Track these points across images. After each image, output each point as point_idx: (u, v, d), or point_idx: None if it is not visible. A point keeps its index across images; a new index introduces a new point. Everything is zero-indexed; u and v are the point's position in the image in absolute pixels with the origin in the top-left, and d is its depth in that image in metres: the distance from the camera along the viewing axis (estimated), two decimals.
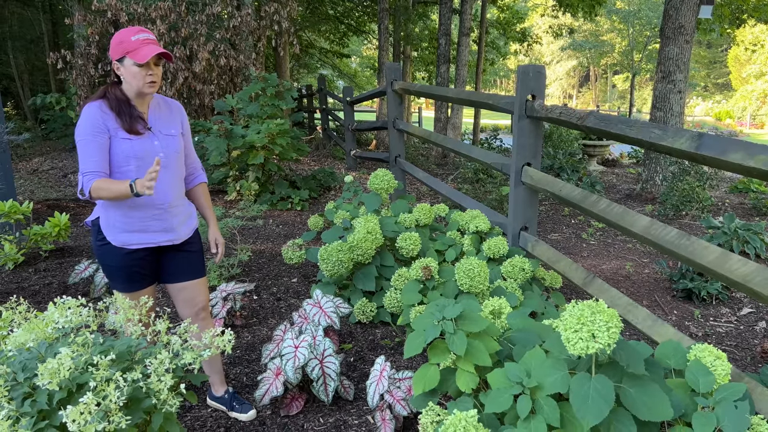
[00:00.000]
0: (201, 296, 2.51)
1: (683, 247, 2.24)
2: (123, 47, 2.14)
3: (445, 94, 4.94)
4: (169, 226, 2.34)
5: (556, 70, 47.73)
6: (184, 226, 2.41)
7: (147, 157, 2.23)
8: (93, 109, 2.16)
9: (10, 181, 5.11)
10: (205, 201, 2.61)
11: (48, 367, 1.52)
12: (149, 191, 1.99)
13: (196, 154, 2.59)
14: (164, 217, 2.31)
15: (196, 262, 2.48)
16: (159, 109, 2.34)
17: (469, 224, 3.67)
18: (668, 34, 7.35)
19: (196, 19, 7.97)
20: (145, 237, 2.30)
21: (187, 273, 2.45)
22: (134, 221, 2.26)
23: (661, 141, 2.34)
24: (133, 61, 2.13)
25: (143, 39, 2.15)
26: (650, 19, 27.75)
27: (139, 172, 2.21)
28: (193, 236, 2.49)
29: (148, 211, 2.27)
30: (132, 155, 2.19)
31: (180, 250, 2.43)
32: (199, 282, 2.50)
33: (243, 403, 2.63)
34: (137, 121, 2.22)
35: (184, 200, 2.45)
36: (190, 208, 2.49)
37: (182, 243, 2.43)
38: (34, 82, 16.40)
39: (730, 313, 3.89)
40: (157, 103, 2.34)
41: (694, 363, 1.84)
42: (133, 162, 2.20)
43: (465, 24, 11.35)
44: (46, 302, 3.83)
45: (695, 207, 6.62)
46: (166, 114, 2.36)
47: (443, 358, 2.08)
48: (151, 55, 2.10)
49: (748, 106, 34.72)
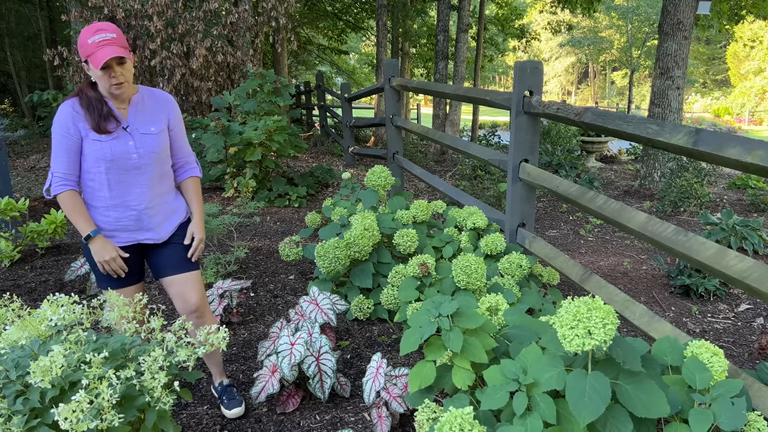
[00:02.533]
0: (192, 292, 2.38)
1: (681, 244, 2.23)
2: (83, 50, 2.07)
3: (443, 91, 4.92)
4: (147, 226, 2.31)
5: (554, 66, 47.71)
6: (166, 223, 2.37)
7: (119, 159, 2.18)
8: (65, 108, 2.14)
9: (7, 178, 5.09)
10: (194, 195, 2.49)
11: (40, 365, 1.51)
12: (101, 266, 2.20)
13: (190, 147, 2.51)
14: (141, 217, 2.29)
15: (182, 256, 2.40)
16: (142, 104, 2.26)
17: (467, 221, 3.66)
18: (667, 30, 7.34)
19: (194, 15, 7.94)
20: (125, 235, 2.30)
21: (173, 266, 2.37)
22: (111, 221, 2.26)
23: (658, 137, 2.33)
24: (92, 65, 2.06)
25: (99, 41, 2.03)
26: (649, 15, 27.74)
27: (109, 174, 2.18)
28: (179, 230, 2.43)
29: (123, 212, 2.26)
30: (101, 157, 2.15)
31: (166, 245, 2.39)
32: (188, 277, 2.38)
33: (232, 399, 2.57)
34: (107, 120, 2.15)
35: (167, 197, 2.39)
36: (174, 204, 2.42)
37: (166, 241, 2.39)
38: (32, 78, 16.36)
39: (727, 309, 3.88)
40: (140, 99, 2.27)
41: (691, 359, 1.84)
42: (102, 164, 2.16)
43: (463, 20, 11.32)
44: (42, 299, 3.81)
45: (693, 203, 6.62)
46: (150, 109, 2.28)
47: (439, 354, 2.07)
48: (104, 59, 2.00)
49: (747, 102, 34.73)
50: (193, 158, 2.53)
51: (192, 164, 2.52)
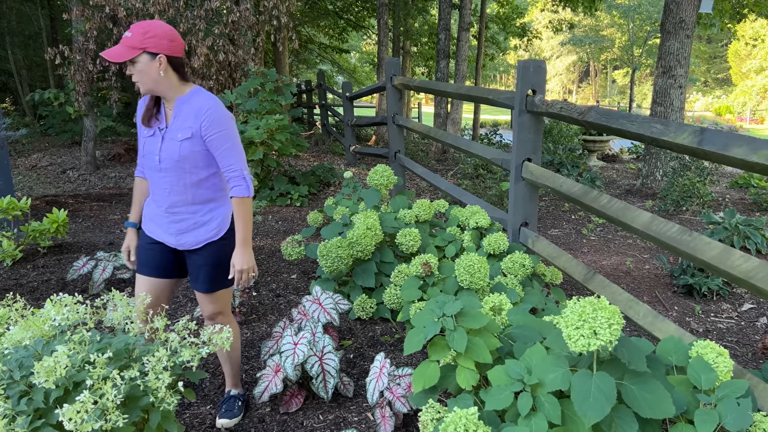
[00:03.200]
0: (205, 306, 2.37)
1: (685, 243, 2.22)
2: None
3: (445, 90, 4.92)
4: (167, 230, 2.28)
5: (555, 65, 47.63)
6: (188, 235, 2.27)
7: (148, 157, 2.23)
8: (139, 102, 2.30)
9: (8, 177, 5.09)
10: (236, 217, 2.23)
11: (44, 365, 1.51)
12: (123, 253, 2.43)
13: (235, 160, 2.20)
14: (163, 219, 2.28)
15: (201, 276, 2.31)
16: (180, 108, 2.18)
17: (469, 220, 3.65)
18: (669, 28, 7.33)
19: (195, 14, 7.93)
20: (154, 227, 2.33)
21: (192, 279, 2.35)
22: (149, 210, 2.36)
23: (662, 136, 2.32)
24: None
25: (122, 38, 2.09)
26: (650, 14, 27.67)
27: (145, 168, 2.30)
28: (204, 249, 2.29)
29: (154, 207, 2.32)
30: (140, 150, 2.30)
31: (191, 256, 2.32)
32: (204, 296, 2.36)
33: (228, 410, 2.52)
34: (149, 116, 2.23)
35: (197, 209, 2.26)
36: (206, 217, 2.27)
37: (192, 251, 2.31)
38: (33, 77, 16.34)
39: (730, 308, 3.88)
40: (183, 102, 2.18)
41: (696, 360, 1.83)
42: (141, 157, 2.31)
43: (465, 19, 11.31)
44: (45, 299, 3.81)
45: (695, 202, 6.61)
46: (184, 115, 2.17)
47: (443, 354, 2.07)
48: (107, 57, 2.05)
49: (748, 101, 34.68)
50: (238, 173, 2.20)
51: (235, 181, 2.21)
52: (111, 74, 8.23)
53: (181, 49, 2.16)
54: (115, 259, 3.96)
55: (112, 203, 7.14)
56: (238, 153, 2.21)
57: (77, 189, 8.36)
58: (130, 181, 8.86)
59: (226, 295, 2.42)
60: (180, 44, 2.15)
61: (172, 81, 2.15)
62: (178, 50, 2.14)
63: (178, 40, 2.14)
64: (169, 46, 2.10)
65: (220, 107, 2.17)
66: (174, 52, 2.12)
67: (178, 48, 2.13)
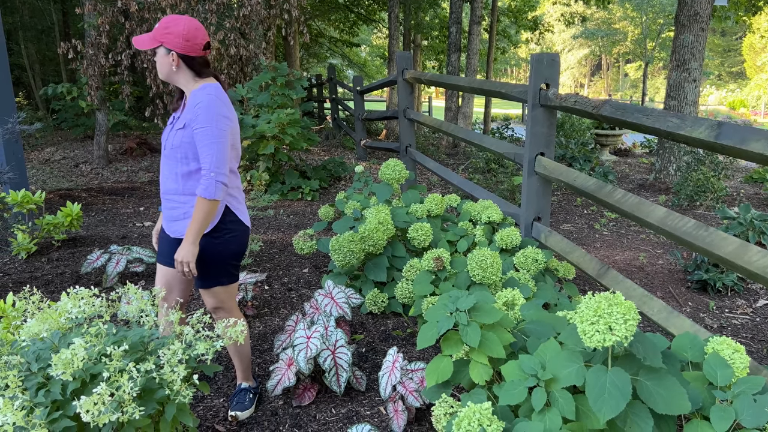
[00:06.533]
0: (206, 301, 2.38)
1: (701, 238, 2.20)
2: None
3: (456, 83, 4.89)
4: (165, 216, 2.38)
5: (567, 58, 47.26)
6: (178, 224, 2.29)
7: (163, 142, 2.34)
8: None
9: (23, 171, 5.13)
10: (193, 213, 2.17)
11: (62, 358, 1.52)
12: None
13: (210, 159, 2.15)
14: (163, 205, 2.38)
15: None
16: (189, 101, 2.22)
17: (481, 215, 3.64)
18: (683, 21, 7.24)
19: (206, 8, 7.94)
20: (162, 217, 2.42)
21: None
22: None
23: (679, 130, 2.30)
24: None
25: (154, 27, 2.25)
26: (664, 6, 27.39)
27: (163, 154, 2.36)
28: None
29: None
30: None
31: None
32: (201, 289, 2.35)
33: (239, 403, 2.53)
34: (174, 105, 2.38)
35: (184, 200, 2.27)
36: (186, 207, 2.27)
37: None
38: (46, 72, 16.45)
39: (745, 304, 3.84)
40: (194, 94, 2.21)
41: (712, 356, 1.81)
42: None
43: (476, 12, 11.24)
44: (59, 292, 3.85)
45: (709, 197, 6.54)
46: (188, 108, 2.21)
47: (456, 349, 2.07)
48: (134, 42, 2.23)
49: (763, 95, 34.22)
50: (207, 173, 2.15)
51: (204, 180, 2.15)
52: (123, 68, 8.27)
53: (198, 49, 2.21)
54: (128, 252, 3.99)
55: (124, 197, 7.19)
56: (217, 153, 2.15)
57: (90, 183, 8.42)
58: (142, 175, 8.91)
59: (225, 293, 2.38)
60: (197, 45, 2.20)
61: (186, 76, 2.26)
62: (194, 50, 2.20)
63: (196, 41, 2.19)
64: (183, 45, 2.18)
65: (213, 104, 2.15)
66: (188, 51, 2.19)
67: (193, 48, 2.20)
